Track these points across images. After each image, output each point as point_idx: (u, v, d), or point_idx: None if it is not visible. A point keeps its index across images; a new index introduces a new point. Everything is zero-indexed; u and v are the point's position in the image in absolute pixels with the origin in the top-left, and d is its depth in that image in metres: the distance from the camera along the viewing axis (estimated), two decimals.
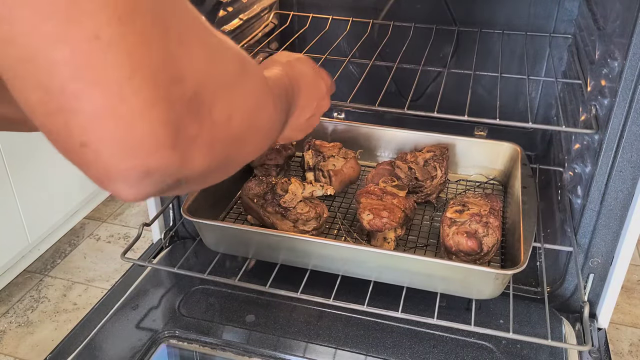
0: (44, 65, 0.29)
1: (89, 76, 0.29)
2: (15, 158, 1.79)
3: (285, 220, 1.10)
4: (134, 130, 0.31)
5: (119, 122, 0.30)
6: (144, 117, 0.31)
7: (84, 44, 0.29)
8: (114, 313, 1.08)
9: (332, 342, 1.01)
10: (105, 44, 0.29)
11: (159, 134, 0.32)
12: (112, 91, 0.30)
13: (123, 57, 0.30)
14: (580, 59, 1.28)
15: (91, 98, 0.30)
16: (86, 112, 0.30)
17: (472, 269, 0.98)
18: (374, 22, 1.54)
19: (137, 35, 0.30)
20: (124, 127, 0.31)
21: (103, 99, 0.30)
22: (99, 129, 0.30)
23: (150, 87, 0.31)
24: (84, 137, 0.31)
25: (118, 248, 2.14)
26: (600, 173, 1.01)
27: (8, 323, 1.81)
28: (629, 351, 1.69)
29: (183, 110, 0.33)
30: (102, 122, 0.30)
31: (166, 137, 0.32)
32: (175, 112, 0.32)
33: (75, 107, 0.30)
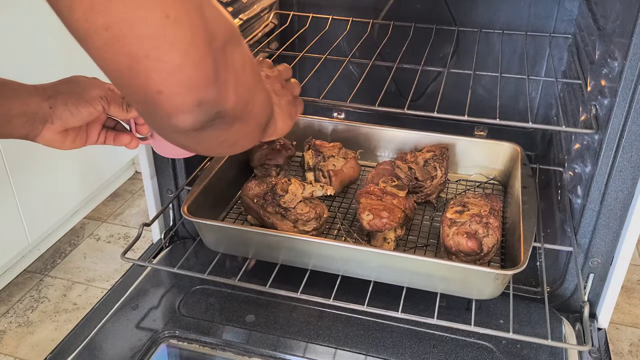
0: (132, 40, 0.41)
1: (165, 44, 0.41)
2: (15, 158, 1.79)
3: (285, 221, 1.10)
4: (194, 74, 0.44)
5: (185, 72, 0.43)
6: (200, 67, 0.44)
7: (160, 22, 0.41)
8: (114, 313, 1.08)
9: (332, 342, 1.01)
10: (173, 21, 0.41)
11: (208, 74, 0.45)
12: (181, 52, 0.42)
13: (185, 28, 0.42)
14: (580, 59, 1.28)
15: (167, 58, 0.42)
16: (164, 69, 0.42)
17: (472, 269, 0.98)
18: (374, 22, 1.54)
19: (189, 12, 0.42)
20: (188, 75, 0.43)
21: (175, 58, 0.42)
22: (172, 79, 0.43)
23: (202, 46, 0.44)
24: (160, 86, 0.43)
25: (118, 248, 2.14)
26: (600, 173, 1.01)
27: (8, 323, 1.81)
28: (629, 351, 1.69)
29: (219, 58, 0.46)
30: (174, 74, 0.43)
31: (211, 75, 0.45)
32: (216, 60, 0.46)
33: (155, 66, 0.42)
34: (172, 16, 0.41)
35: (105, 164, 2.29)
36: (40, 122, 0.72)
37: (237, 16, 1.39)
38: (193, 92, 0.45)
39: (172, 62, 0.42)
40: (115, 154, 2.32)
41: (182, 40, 0.42)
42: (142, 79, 0.43)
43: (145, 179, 1.29)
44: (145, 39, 0.41)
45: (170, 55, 0.42)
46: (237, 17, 1.39)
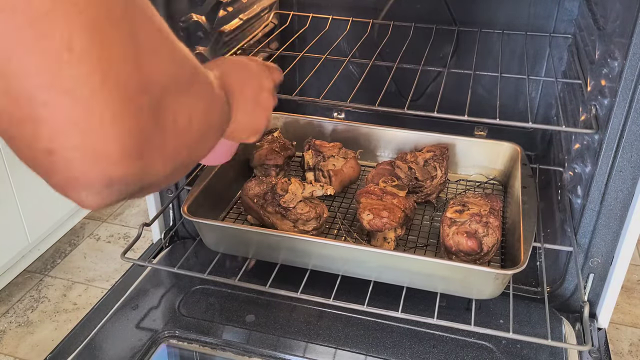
0: (13, 73, 0.29)
1: (59, 86, 0.30)
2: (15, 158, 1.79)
3: (285, 220, 1.10)
4: (102, 140, 0.31)
5: (87, 132, 0.31)
6: (112, 128, 0.31)
7: (55, 54, 0.29)
8: (114, 313, 1.08)
9: (332, 342, 1.01)
10: (77, 55, 0.29)
11: (126, 144, 0.32)
12: (81, 101, 0.30)
13: (94, 68, 0.30)
14: (580, 59, 1.28)
15: (60, 107, 0.30)
16: (54, 121, 0.30)
17: (472, 269, 0.98)
18: (374, 22, 1.54)
19: (108, 47, 0.31)
20: (91, 136, 0.31)
21: (72, 108, 0.30)
22: (66, 137, 0.31)
23: (119, 98, 0.31)
24: (51, 145, 0.31)
25: (118, 248, 2.14)
26: (600, 173, 1.01)
27: (8, 323, 1.81)
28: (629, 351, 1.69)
29: (149, 120, 0.34)
30: (70, 131, 0.31)
31: (132, 147, 0.33)
32: (141, 123, 0.33)
33: (43, 115, 0.30)
34: (77, 49, 0.29)
35: None
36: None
37: (237, 16, 1.39)
38: (100, 166, 0.32)
39: (69, 114, 0.30)
40: None
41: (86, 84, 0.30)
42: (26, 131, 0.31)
43: None
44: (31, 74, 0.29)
45: (66, 102, 0.30)
46: (237, 17, 1.39)
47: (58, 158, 0.31)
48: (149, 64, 0.34)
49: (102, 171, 0.32)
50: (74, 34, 0.29)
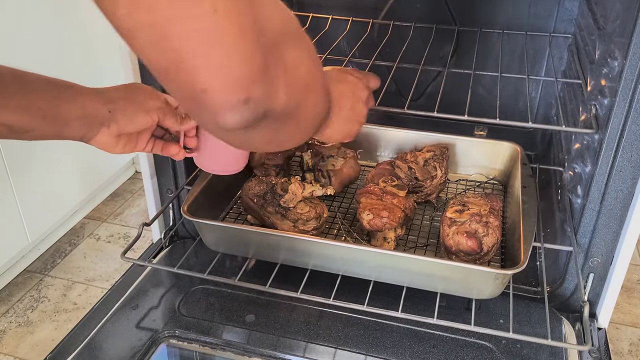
0: (178, 35, 0.39)
1: (212, 40, 0.40)
2: (15, 158, 1.79)
3: (285, 220, 1.10)
4: (240, 73, 0.42)
5: (231, 69, 0.41)
6: (247, 63, 0.42)
7: (207, 17, 0.39)
8: (114, 313, 1.08)
9: (332, 342, 1.01)
10: (222, 15, 0.39)
11: (256, 74, 0.43)
12: (229, 49, 0.41)
13: (234, 23, 0.40)
14: (580, 59, 1.28)
15: (214, 55, 0.40)
16: (209, 66, 0.41)
17: (472, 268, 0.98)
18: (373, 21, 1.54)
19: (238, 6, 0.41)
20: (234, 72, 0.42)
21: (223, 55, 0.41)
22: (217, 76, 0.41)
23: (250, 41, 0.42)
24: (206, 84, 0.42)
25: (118, 248, 2.14)
26: (600, 173, 1.01)
27: (8, 323, 1.81)
28: (629, 351, 1.69)
29: (269, 55, 0.45)
30: (219, 72, 0.41)
31: (259, 75, 0.44)
32: (265, 58, 0.44)
33: (201, 64, 0.40)
34: (221, 10, 0.39)
35: (105, 164, 2.29)
36: (97, 126, 0.74)
37: None
38: (239, 90, 0.43)
39: (218, 59, 0.41)
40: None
41: (230, 35, 0.40)
42: (187, 77, 0.41)
43: (145, 178, 1.29)
44: (192, 35, 0.39)
45: (216, 52, 0.40)
46: None
47: (212, 93, 0.42)
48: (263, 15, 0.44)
49: (241, 93, 0.43)
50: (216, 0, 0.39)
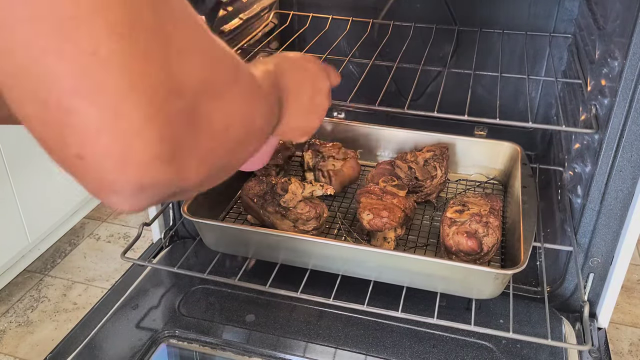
0: (41, 79, 0.29)
1: (85, 91, 0.29)
2: (15, 158, 1.79)
3: (285, 220, 1.10)
4: (130, 145, 0.31)
5: (116, 137, 0.30)
6: (141, 133, 0.31)
7: (81, 59, 0.29)
8: (114, 313, 1.08)
9: (332, 341, 1.01)
10: (103, 59, 0.29)
11: (156, 150, 0.32)
12: (109, 107, 0.30)
13: (121, 72, 0.30)
14: (580, 59, 1.28)
15: (88, 113, 0.30)
16: (82, 127, 0.30)
17: (472, 268, 0.98)
18: (374, 21, 1.54)
19: (136, 50, 0.30)
20: (120, 142, 0.31)
21: (100, 114, 0.30)
22: (95, 143, 0.30)
23: (149, 103, 0.31)
24: (80, 150, 0.31)
25: (118, 248, 2.14)
26: (600, 173, 1.01)
27: (8, 322, 1.81)
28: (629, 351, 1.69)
29: (181, 124, 0.33)
30: (98, 137, 0.30)
31: (162, 153, 0.32)
32: (173, 127, 0.32)
33: (71, 121, 0.30)
34: (103, 53, 0.29)
35: None
36: None
37: (237, 15, 1.39)
38: (130, 171, 0.32)
39: (91, 119, 0.30)
40: None
41: (113, 89, 0.30)
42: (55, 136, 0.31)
43: None
44: (58, 79, 0.29)
45: (93, 108, 0.30)
46: (237, 17, 1.39)
47: (88, 163, 0.31)
48: (181, 67, 0.33)
49: (133, 177, 0.32)
50: (100, 38, 0.29)
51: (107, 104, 0.30)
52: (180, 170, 0.34)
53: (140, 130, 0.31)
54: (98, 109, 0.30)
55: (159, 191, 0.34)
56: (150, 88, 0.31)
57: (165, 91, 0.32)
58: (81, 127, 0.30)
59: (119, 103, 0.30)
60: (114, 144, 0.31)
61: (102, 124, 0.30)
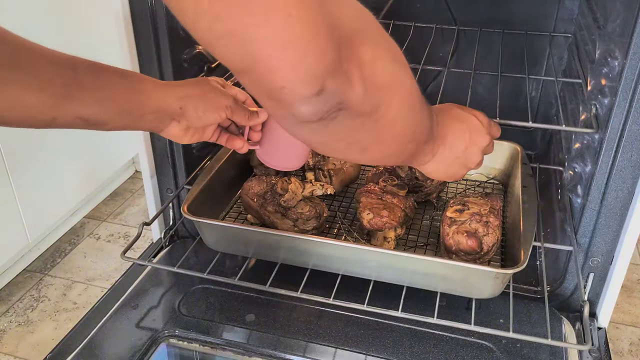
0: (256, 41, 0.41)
1: (288, 42, 0.42)
2: (15, 158, 1.79)
3: (286, 220, 1.10)
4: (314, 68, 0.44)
5: (305, 65, 0.43)
6: (319, 59, 0.44)
7: (282, 22, 0.41)
8: (114, 312, 1.08)
9: (332, 341, 1.01)
10: (295, 19, 0.41)
11: (328, 66, 0.45)
12: (302, 49, 0.42)
13: (307, 25, 0.42)
14: (581, 58, 1.28)
15: (290, 55, 0.42)
16: (285, 67, 0.43)
17: (472, 268, 0.98)
18: None
19: (312, 7, 0.42)
20: (307, 67, 0.44)
21: (297, 55, 0.43)
22: (293, 73, 0.44)
23: (323, 37, 0.44)
24: (284, 82, 0.44)
25: (118, 247, 2.14)
26: (600, 172, 1.01)
27: (8, 322, 1.81)
28: (629, 350, 1.69)
29: (342, 49, 0.46)
30: (295, 69, 0.43)
31: (331, 67, 0.45)
32: (337, 52, 0.45)
33: (279, 65, 0.43)
34: (295, 14, 0.41)
35: (105, 163, 2.29)
36: (168, 120, 0.77)
37: None
38: (312, 83, 0.45)
39: (293, 59, 0.43)
40: (116, 153, 2.32)
41: (303, 37, 0.42)
42: (265, 77, 0.44)
43: (145, 178, 1.29)
44: (268, 40, 0.41)
45: (291, 53, 0.43)
46: None
47: (288, 89, 0.44)
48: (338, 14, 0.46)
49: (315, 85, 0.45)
50: (290, 6, 0.41)
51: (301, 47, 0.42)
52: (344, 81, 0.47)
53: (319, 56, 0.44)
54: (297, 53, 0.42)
55: (331, 96, 0.46)
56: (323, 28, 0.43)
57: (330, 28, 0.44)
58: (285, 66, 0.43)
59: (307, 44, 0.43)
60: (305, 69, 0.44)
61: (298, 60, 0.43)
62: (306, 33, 0.42)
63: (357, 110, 0.50)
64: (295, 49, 0.43)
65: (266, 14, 0.41)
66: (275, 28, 0.41)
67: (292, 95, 0.45)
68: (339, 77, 0.46)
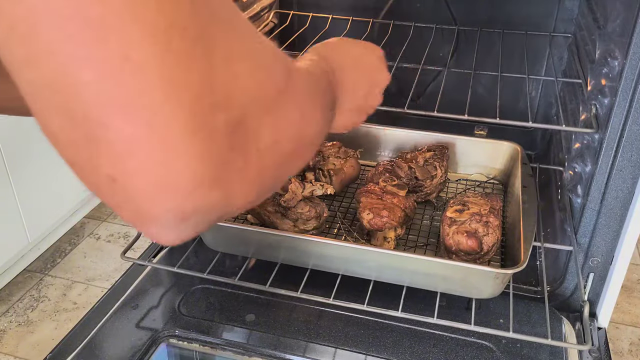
0: (67, 88, 0.25)
1: (116, 102, 0.25)
2: (15, 158, 1.79)
3: (285, 220, 1.10)
4: (168, 165, 0.26)
5: (150, 155, 0.26)
6: (179, 151, 0.26)
7: (111, 65, 0.25)
8: (114, 312, 1.08)
9: (332, 341, 1.01)
10: (136, 66, 0.25)
11: (198, 172, 0.27)
12: (142, 119, 0.26)
13: (155, 80, 0.25)
14: (581, 58, 1.28)
15: (118, 126, 0.26)
16: (113, 143, 0.26)
17: (472, 268, 0.98)
18: (374, 21, 1.54)
19: (173, 54, 0.26)
20: (156, 161, 0.26)
21: (132, 127, 0.26)
22: (127, 162, 0.26)
23: (187, 116, 0.26)
24: (112, 170, 0.27)
25: (118, 247, 2.14)
26: (600, 172, 1.01)
27: (8, 322, 1.81)
28: (629, 350, 1.69)
29: (226, 141, 0.28)
30: (131, 156, 0.26)
31: (206, 175, 0.27)
32: (217, 145, 0.28)
33: (100, 136, 0.26)
34: (136, 59, 0.25)
35: None
36: None
37: None
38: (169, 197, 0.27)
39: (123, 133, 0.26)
40: None
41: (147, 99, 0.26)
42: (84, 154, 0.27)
43: None
44: (85, 88, 0.25)
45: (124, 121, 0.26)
46: None
47: (121, 186, 0.27)
48: (226, 76, 0.28)
49: (173, 204, 0.27)
50: (132, 41, 0.25)
51: (140, 117, 0.26)
52: (227, 194, 0.30)
53: (179, 148, 0.26)
54: (130, 121, 0.26)
55: (204, 218, 0.30)
56: (191, 99, 0.27)
57: (209, 103, 0.27)
58: (111, 142, 0.26)
59: (154, 116, 0.26)
60: (148, 162, 0.26)
61: (134, 139, 0.26)
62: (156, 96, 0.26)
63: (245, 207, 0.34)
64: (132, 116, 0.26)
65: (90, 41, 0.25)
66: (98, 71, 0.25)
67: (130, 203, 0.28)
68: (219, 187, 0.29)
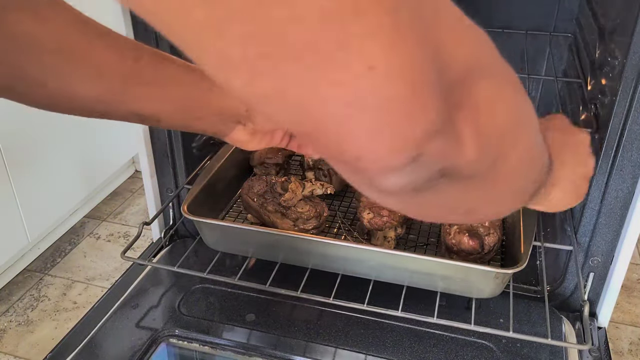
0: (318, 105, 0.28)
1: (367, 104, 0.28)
2: (15, 157, 1.79)
3: (286, 219, 1.10)
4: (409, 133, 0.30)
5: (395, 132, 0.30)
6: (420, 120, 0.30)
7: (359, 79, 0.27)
8: (114, 312, 1.08)
9: (332, 341, 1.01)
10: (381, 73, 0.27)
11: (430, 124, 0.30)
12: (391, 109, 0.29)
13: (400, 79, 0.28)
14: (581, 58, 1.28)
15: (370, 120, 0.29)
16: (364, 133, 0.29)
17: (473, 267, 0.98)
18: None
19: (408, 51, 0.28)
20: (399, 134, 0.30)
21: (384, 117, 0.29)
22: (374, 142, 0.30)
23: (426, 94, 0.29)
24: (359, 151, 0.30)
25: (118, 247, 2.14)
26: (600, 172, 1.01)
27: (8, 322, 1.81)
28: (629, 350, 1.69)
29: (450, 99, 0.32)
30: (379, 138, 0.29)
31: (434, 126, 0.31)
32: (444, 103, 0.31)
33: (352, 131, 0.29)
34: (381, 69, 0.27)
35: (105, 163, 2.29)
36: (233, 123, 0.70)
37: None
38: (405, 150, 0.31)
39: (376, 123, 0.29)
40: (115, 152, 2.32)
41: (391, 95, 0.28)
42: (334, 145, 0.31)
43: (145, 177, 1.29)
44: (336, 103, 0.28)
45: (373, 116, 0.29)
46: None
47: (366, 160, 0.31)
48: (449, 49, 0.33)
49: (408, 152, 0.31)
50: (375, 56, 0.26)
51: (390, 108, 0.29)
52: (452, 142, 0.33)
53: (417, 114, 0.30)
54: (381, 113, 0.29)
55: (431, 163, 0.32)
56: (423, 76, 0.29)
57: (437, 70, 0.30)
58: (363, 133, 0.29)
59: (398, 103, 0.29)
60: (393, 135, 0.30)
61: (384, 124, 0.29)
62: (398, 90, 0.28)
63: (467, 173, 0.36)
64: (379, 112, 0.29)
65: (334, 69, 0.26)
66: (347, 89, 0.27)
67: (373, 166, 0.32)
68: (443, 137, 0.32)
